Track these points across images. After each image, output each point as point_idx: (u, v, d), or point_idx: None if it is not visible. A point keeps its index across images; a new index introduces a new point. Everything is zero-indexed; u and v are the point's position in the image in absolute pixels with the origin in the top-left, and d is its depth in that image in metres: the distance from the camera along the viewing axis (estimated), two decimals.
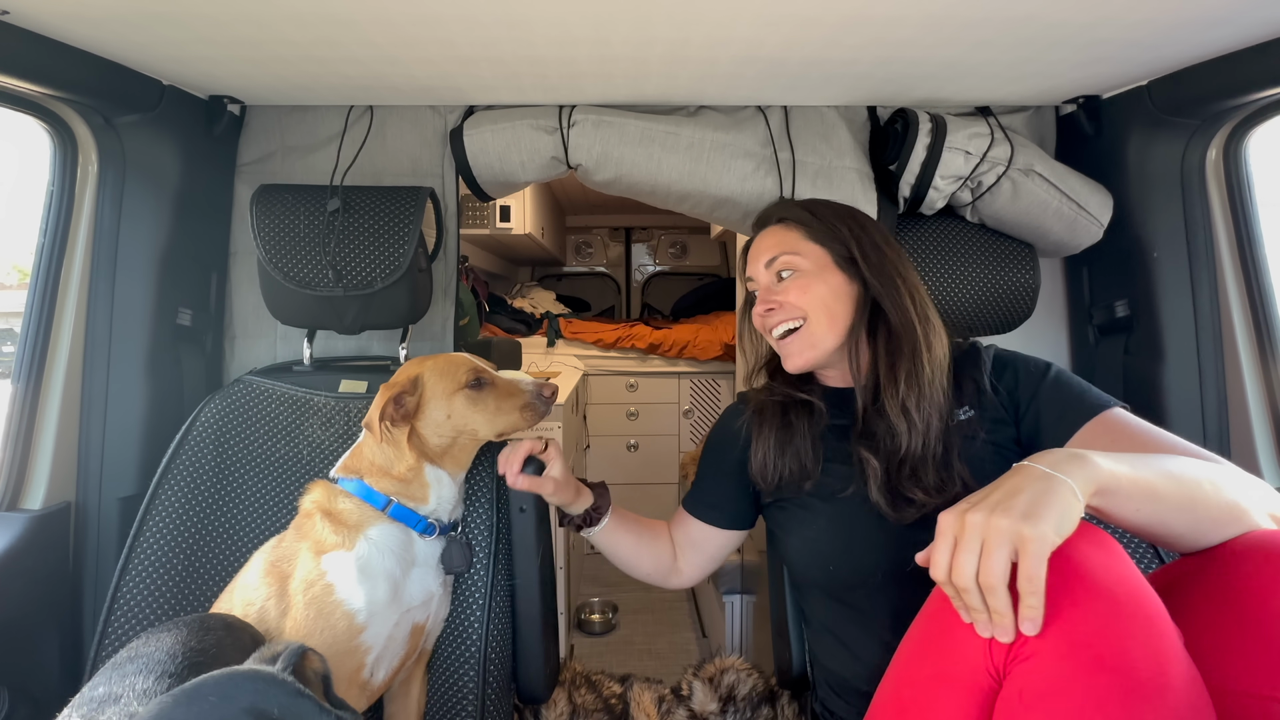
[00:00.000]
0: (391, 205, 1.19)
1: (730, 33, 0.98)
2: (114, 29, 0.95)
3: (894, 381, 0.87)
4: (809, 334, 0.92)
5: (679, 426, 3.13)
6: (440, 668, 1.03)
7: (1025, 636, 0.55)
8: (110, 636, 0.99)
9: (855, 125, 1.30)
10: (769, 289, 0.96)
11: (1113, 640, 0.52)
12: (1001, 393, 0.89)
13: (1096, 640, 0.52)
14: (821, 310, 0.91)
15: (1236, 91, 1.04)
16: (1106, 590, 0.54)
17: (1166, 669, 0.52)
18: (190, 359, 1.28)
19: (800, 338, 0.93)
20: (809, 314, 0.92)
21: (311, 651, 0.64)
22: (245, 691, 0.56)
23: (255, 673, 0.58)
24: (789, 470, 0.93)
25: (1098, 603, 0.54)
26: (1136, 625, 0.53)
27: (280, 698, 0.57)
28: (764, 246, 0.98)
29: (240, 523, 1.08)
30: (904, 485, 0.84)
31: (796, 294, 0.92)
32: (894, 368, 0.88)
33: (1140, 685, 0.51)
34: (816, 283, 0.92)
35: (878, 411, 0.89)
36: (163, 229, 1.20)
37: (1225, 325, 1.17)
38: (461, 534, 1.02)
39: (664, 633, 2.44)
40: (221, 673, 0.59)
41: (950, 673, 0.61)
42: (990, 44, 1.01)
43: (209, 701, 0.55)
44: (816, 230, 0.95)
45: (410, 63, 1.10)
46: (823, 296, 0.91)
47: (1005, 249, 1.23)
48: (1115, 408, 0.81)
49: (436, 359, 0.99)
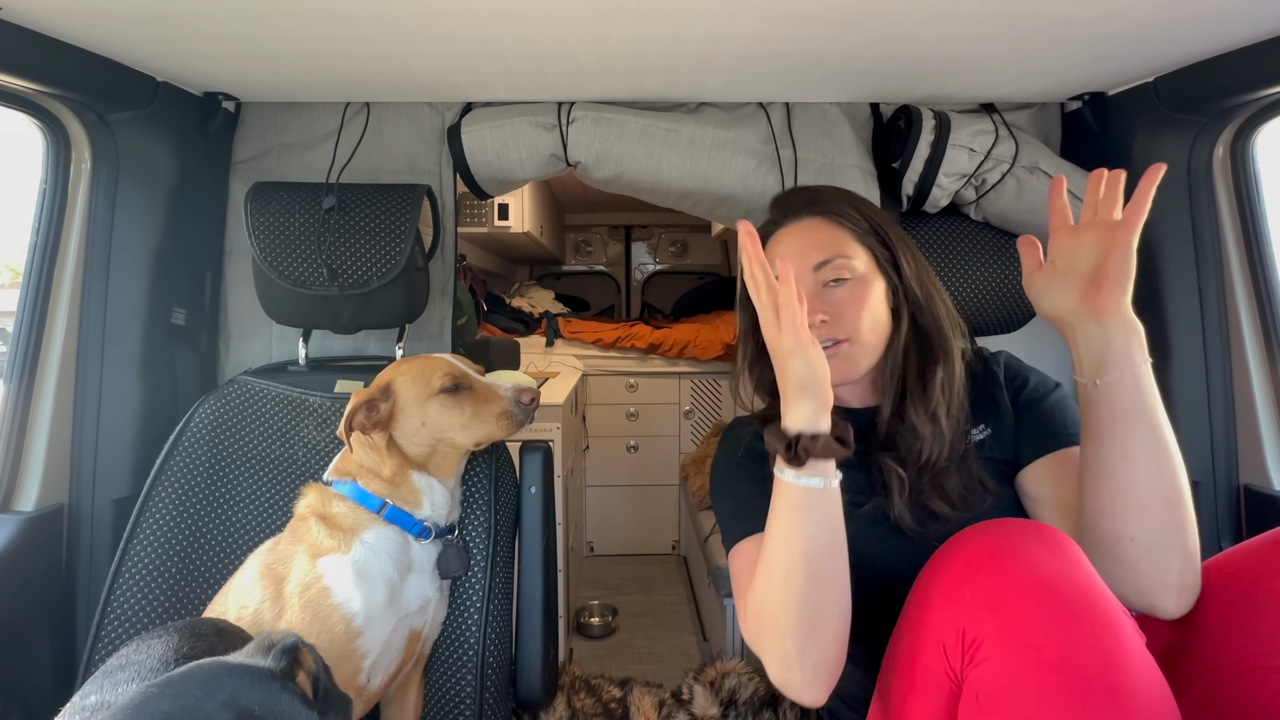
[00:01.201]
0: (388, 203, 1.18)
1: (731, 28, 0.97)
2: (107, 25, 0.94)
3: (924, 389, 0.83)
4: (851, 353, 0.82)
5: (680, 427, 3.12)
6: (438, 672, 1.02)
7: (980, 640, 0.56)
8: (103, 640, 0.98)
9: (858, 122, 1.30)
10: (817, 296, 0.83)
11: (1060, 642, 0.53)
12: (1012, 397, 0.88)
13: (1044, 643, 0.53)
14: (870, 328, 0.82)
15: (1244, 88, 1.03)
16: (1055, 592, 0.55)
17: (1119, 669, 0.52)
18: (184, 359, 1.27)
19: (842, 356, 0.82)
20: (856, 332, 0.82)
21: (306, 646, 0.63)
22: (227, 684, 0.55)
23: (244, 666, 0.58)
24: None
25: (1046, 605, 0.55)
26: (1085, 626, 0.54)
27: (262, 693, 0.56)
28: (811, 243, 0.85)
29: (235, 525, 1.07)
30: (927, 496, 0.81)
31: (851, 308, 0.82)
32: (924, 374, 0.84)
33: (1088, 685, 0.52)
34: (869, 294, 0.83)
35: (899, 420, 0.85)
36: (157, 227, 1.19)
37: (1232, 324, 1.17)
38: (458, 537, 1.01)
39: (664, 636, 2.43)
40: (209, 662, 0.58)
41: (921, 679, 0.62)
42: (995, 40, 1.00)
43: (193, 694, 0.54)
44: (862, 230, 0.86)
45: (407, 59, 1.09)
46: (872, 310, 0.83)
47: (1009, 247, 1.23)
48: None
49: (412, 363, 0.97)
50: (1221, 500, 1.15)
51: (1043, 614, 0.54)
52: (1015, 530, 0.61)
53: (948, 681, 0.60)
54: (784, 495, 0.70)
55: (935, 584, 0.63)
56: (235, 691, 0.55)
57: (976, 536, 0.62)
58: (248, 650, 0.62)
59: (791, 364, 0.68)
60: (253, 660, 0.59)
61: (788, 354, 0.68)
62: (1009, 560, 0.57)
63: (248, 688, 0.56)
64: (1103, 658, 0.53)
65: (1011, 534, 0.61)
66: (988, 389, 0.88)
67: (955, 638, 0.59)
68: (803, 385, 0.68)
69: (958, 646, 0.58)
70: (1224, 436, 1.16)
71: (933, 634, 0.61)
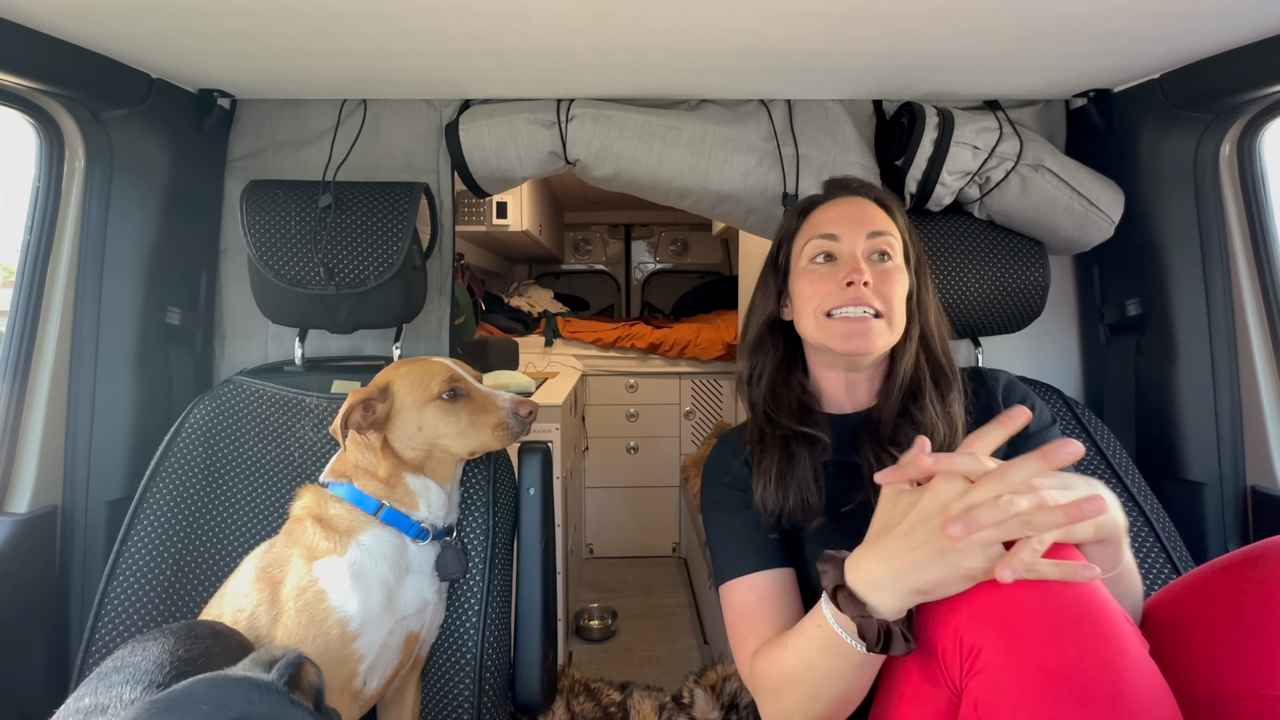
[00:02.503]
0: (385, 201, 1.17)
1: (732, 24, 0.96)
2: (101, 21, 0.94)
3: (935, 384, 0.87)
4: (881, 329, 0.84)
5: (680, 428, 3.11)
6: (435, 676, 1.02)
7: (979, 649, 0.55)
8: (98, 643, 0.98)
9: (860, 119, 1.29)
10: (867, 259, 0.86)
11: (1059, 650, 0.52)
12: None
13: (1044, 651, 0.53)
14: (900, 312, 0.86)
15: (1251, 85, 1.02)
16: (1056, 599, 0.54)
17: (1120, 679, 0.52)
18: (179, 359, 1.26)
19: (875, 329, 0.84)
20: (890, 311, 0.85)
21: (308, 662, 0.63)
22: (237, 699, 0.55)
23: (249, 680, 0.58)
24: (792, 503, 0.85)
25: (1045, 614, 0.54)
26: (1085, 634, 0.53)
27: (271, 707, 0.56)
28: (867, 215, 0.88)
29: (230, 527, 1.07)
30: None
31: (892, 284, 0.85)
32: (935, 378, 0.88)
33: (1089, 695, 0.51)
34: (904, 280, 0.87)
35: (904, 418, 0.86)
36: (151, 226, 1.19)
37: (1240, 324, 1.16)
38: (456, 539, 1.01)
39: (665, 639, 2.42)
40: (214, 677, 0.58)
41: (921, 689, 0.62)
42: (999, 36, 0.99)
43: (201, 710, 0.54)
44: (901, 227, 0.90)
45: (405, 55, 1.09)
46: (902, 297, 0.86)
47: (1014, 246, 1.21)
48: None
49: (411, 365, 0.97)
50: (1228, 502, 1.14)
51: (1044, 621, 0.54)
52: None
53: (946, 691, 0.59)
54: (836, 646, 0.64)
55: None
56: (246, 707, 0.55)
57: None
58: (246, 664, 0.62)
59: (970, 558, 0.57)
60: (256, 674, 0.59)
61: (975, 545, 0.56)
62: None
63: (257, 702, 0.56)
64: (1105, 666, 0.52)
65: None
66: (983, 405, 0.90)
67: (954, 646, 0.58)
68: (945, 585, 0.59)
69: (956, 655, 0.58)
70: (1231, 437, 1.15)
71: (931, 644, 0.60)
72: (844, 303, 0.84)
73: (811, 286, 0.87)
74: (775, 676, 0.72)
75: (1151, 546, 1.05)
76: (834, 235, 0.87)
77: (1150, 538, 1.05)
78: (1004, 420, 0.60)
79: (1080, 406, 1.16)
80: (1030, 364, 1.36)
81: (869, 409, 0.90)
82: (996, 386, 0.91)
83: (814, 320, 0.86)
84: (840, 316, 0.84)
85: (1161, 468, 1.19)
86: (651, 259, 4.07)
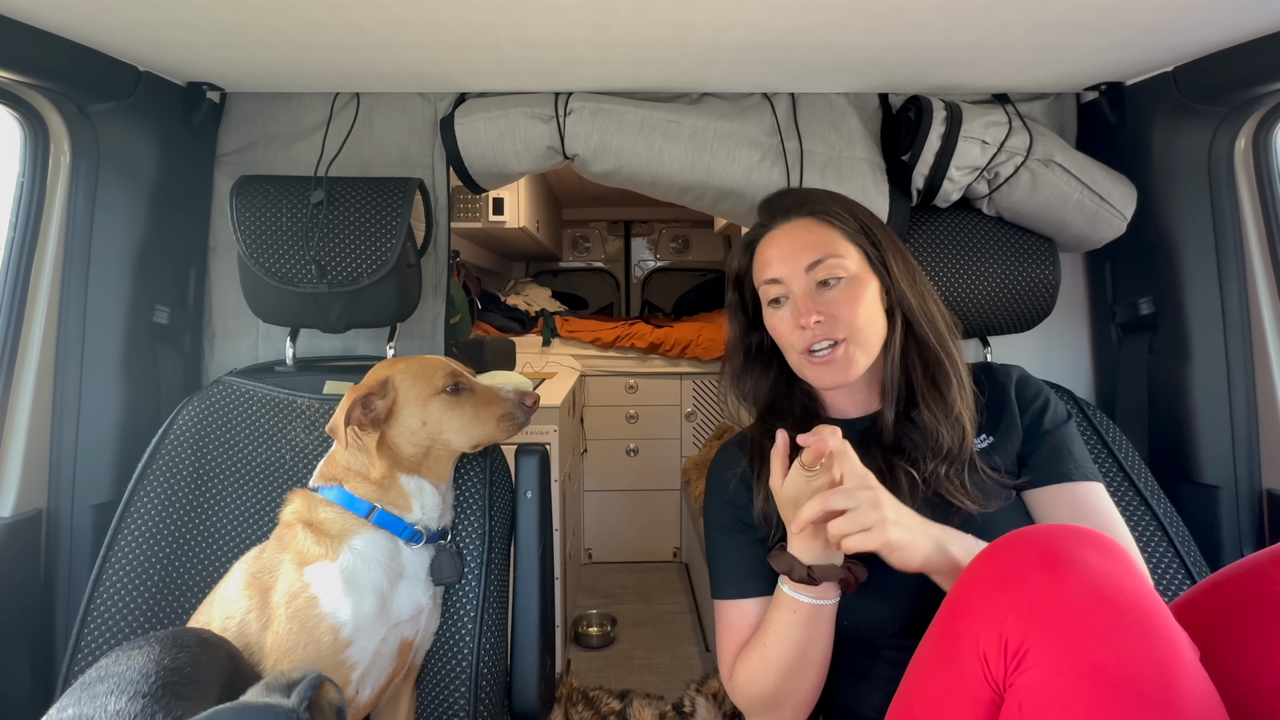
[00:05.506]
0: (378, 197, 1.16)
1: (735, 16, 0.95)
2: (87, 12, 0.93)
3: (935, 388, 0.85)
4: (849, 353, 0.83)
5: (681, 430, 3.08)
6: (430, 683, 1.00)
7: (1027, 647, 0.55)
8: (83, 650, 0.97)
9: (866, 113, 1.27)
10: (810, 297, 0.84)
11: (1114, 651, 0.51)
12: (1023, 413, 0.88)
13: (1097, 651, 0.52)
14: (866, 326, 0.83)
15: (1267, 78, 1.01)
16: (1109, 599, 0.54)
17: (1174, 682, 0.51)
18: (167, 359, 1.24)
19: (841, 356, 0.83)
20: (852, 331, 0.83)
21: (328, 681, 0.63)
22: None
23: (270, 708, 0.57)
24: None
25: (1099, 612, 0.53)
26: (1139, 636, 0.52)
27: None
28: (800, 244, 0.86)
29: (219, 531, 1.05)
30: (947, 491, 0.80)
31: (846, 307, 0.83)
32: (932, 375, 0.85)
33: (1144, 698, 0.50)
34: (864, 292, 0.84)
35: (907, 423, 0.85)
36: (138, 222, 1.17)
37: (1255, 323, 1.15)
38: (451, 542, 0.99)
39: (665, 646, 2.39)
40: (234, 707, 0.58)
41: (956, 689, 0.60)
42: (1008, 28, 0.98)
43: None
44: (852, 229, 0.86)
45: (399, 47, 1.08)
46: (868, 308, 0.84)
47: (1023, 243, 1.20)
48: (1097, 483, 0.83)
49: (410, 361, 0.97)
50: (1244, 505, 1.13)
51: (1097, 622, 0.53)
52: (1068, 535, 0.59)
53: (987, 690, 0.57)
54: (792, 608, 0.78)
55: (973, 590, 0.61)
56: None
57: (1022, 541, 0.60)
58: (261, 689, 0.61)
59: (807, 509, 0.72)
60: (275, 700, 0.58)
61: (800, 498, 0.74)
62: (1061, 565, 0.55)
63: None
64: (1158, 670, 0.51)
65: (1063, 538, 0.59)
66: (994, 400, 0.89)
67: (997, 645, 0.56)
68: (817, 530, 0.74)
69: (1000, 654, 0.56)
70: (1246, 439, 1.14)
71: (971, 641, 0.58)
72: (809, 342, 0.84)
73: (781, 329, 0.88)
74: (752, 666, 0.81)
75: (1165, 551, 1.03)
76: (776, 279, 0.87)
77: (1163, 542, 1.03)
78: (808, 439, 0.74)
79: (1092, 408, 1.14)
80: (1040, 364, 1.34)
81: (875, 414, 0.89)
82: (1009, 382, 0.90)
83: (796, 358, 0.88)
84: (815, 354, 0.85)
85: (1175, 470, 1.17)
86: (652, 256, 4.05)
